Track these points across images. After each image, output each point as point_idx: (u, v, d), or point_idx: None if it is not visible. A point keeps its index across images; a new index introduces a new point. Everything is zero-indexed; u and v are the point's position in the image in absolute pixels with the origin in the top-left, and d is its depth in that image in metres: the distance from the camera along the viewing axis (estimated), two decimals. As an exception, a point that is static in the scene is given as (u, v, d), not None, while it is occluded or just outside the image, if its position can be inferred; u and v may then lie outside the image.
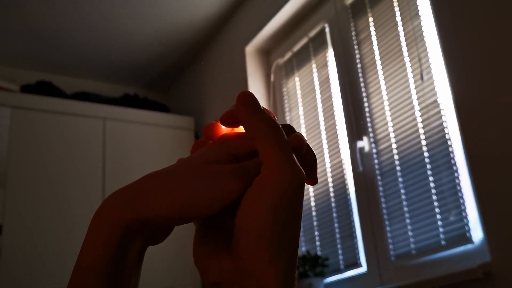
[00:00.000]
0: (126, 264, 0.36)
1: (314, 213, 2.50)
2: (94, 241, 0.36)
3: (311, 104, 2.62)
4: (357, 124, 2.29)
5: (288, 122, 2.77)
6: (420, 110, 2.01)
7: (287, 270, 0.34)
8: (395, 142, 2.10)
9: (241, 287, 0.34)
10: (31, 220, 2.74)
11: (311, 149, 0.39)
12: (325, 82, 2.54)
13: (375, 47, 2.26)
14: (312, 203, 2.52)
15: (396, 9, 2.18)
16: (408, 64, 2.09)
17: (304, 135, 2.25)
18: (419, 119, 2.01)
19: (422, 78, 2.00)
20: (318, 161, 2.38)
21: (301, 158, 0.37)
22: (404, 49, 2.11)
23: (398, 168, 2.07)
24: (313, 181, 0.39)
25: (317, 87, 2.59)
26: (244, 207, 0.35)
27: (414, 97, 2.04)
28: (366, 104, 2.27)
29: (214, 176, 0.36)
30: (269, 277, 0.34)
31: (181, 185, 0.36)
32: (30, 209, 2.76)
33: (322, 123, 2.51)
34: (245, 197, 0.35)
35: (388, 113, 2.15)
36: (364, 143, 2.25)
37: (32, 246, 2.70)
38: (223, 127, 0.42)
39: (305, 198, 2.56)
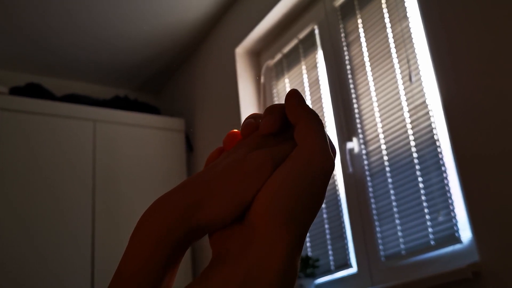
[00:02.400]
0: (170, 267, 0.37)
1: (304, 214, 2.50)
2: (139, 253, 0.35)
3: (301, 106, 2.62)
4: (347, 125, 2.30)
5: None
6: (409, 111, 2.02)
7: (296, 241, 0.34)
8: (385, 143, 2.12)
9: (247, 254, 0.34)
10: (21, 222, 2.73)
11: (333, 145, 0.40)
12: (314, 84, 2.55)
13: (364, 49, 2.28)
14: (303, 204, 2.52)
15: (385, 10, 2.19)
16: (396, 66, 2.10)
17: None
18: (408, 120, 2.02)
19: (410, 79, 2.02)
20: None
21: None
22: (393, 50, 2.13)
23: (387, 169, 2.08)
24: None
25: (307, 89, 2.59)
26: (271, 177, 0.36)
27: (403, 98, 2.05)
28: (355, 106, 2.28)
29: (257, 168, 0.37)
30: (279, 242, 0.34)
31: (232, 186, 0.36)
32: (19, 212, 2.74)
33: (312, 124, 2.52)
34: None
35: (377, 114, 2.17)
36: (353, 144, 2.26)
37: (22, 248, 2.68)
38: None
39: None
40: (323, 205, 2.40)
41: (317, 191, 0.36)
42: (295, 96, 0.40)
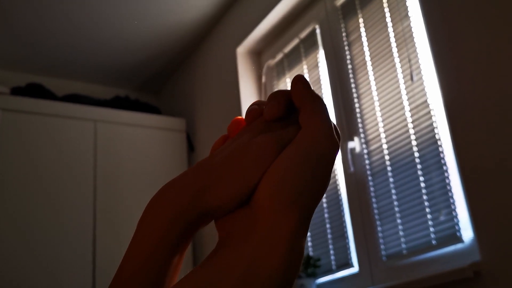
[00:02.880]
0: (177, 254, 0.37)
1: (305, 214, 2.50)
2: (148, 237, 0.36)
3: (302, 105, 2.62)
4: (348, 124, 2.30)
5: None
6: (410, 111, 2.02)
7: (302, 222, 0.34)
8: (386, 143, 2.11)
9: (252, 236, 0.34)
10: (22, 223, 2.73)
11: (338, 132, 0.40)
12: (316, 83, 2.55)
13: (366, 48, 2.27)
14: (304, 204, 2.52)
15: (386, 10, 2.19)
16: (398, 65, 2.10)
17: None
18: (409, 120, 2.02)
19: (412, 78, 2.01)
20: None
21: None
22: (394, 50, 2.12)
23: (389, 168, 2.08)
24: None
25: (308, 88, 2.59)
26: (276, 160, 0.37)
27: (404, 97, 2.05)
28: (357, 105, 2.28)
29: (262, 151, 0.37)
30: (284, 223, 0.34)
31: (238, 170, 0.37)
32: (20, 212, 2.74)
33: (313, 124, 2.52)
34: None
35: (378, 114, 2.16)
36: (355, 144, 2.25)
37: (23, 249, 2.69)
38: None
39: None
40: (324, 205, 2.40)
41: (322, 174, 0.36)
42: (301, 80, 0.40)
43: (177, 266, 0.37)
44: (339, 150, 0.39)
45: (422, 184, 1.93)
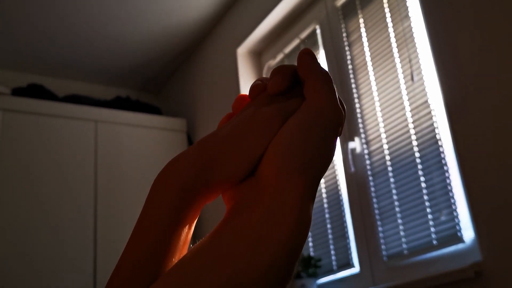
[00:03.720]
0: (186, 226, 0.37)
1: (306, 214, 2.50)
2: (161, 201, 0.36)
3: (303, 106, 2.62)
4: (349, 125, 2.30)
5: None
6: (411, 111, 2.02)
7: (309, 189, 0.34)
8: (387, 143, 2.11)
9: (260, 204, 0.34)
10: (23, 223, 2.73)
11: (343, 104, 0.40)
12: (316, 84, 2.55)
13: (366, 48, 2.28)
14: (305, 204, 2.52)
15: (387, 10, 2.19)
16: (398, 65, 2.10)
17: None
18: (410, 120, 2.02)
19: (412, 79, 2.02)
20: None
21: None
22: (395, 50, 2.12)
23: (389, 168, 2.08)
24: (340, 133, 0.41)
25: (308, 89, 2.59)
26: (281, 128, 0.37)
27: (405, 98, 2.05)
28: (357, 105, 2.28)
29: (267, 122, 0.38)
30: (291, 189, 0.34)
31: (244, 141, 0.37)
32: (21, 212, 2.75)
33: (314, 124, 2.52)
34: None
35: (379, 114, 2.16)
36: (355, 144, 2.25)
37: (24, 248, 2.69)
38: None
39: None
40: (325, 205, 2.40)
41: (327, 141, 0.37)
42: (308, 53, 0.40)
43: (186, 238, 0.37)
44: (344, 122, 0.39)
45: (423, 184, 1.93)
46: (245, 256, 0.30)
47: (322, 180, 2.43)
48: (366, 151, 2.21)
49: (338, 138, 0.39)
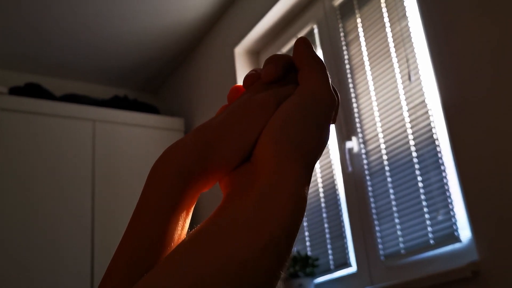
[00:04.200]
0: (183, 211, 0.37)
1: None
2: (159, 187, 0.37)
3: (301, 105, 2.62)
4: (346, 124, 2.31)
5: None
6: (408, 111, 2.02)
7: (304, 170, 0.35)
8: (384, 143, 2.12)
9: (257, 186, 0.34)
10: (21, 222, 2.73)
11: (337, 92, 0.41)
12: (314, 83, 2.55)
13: (363, 48, 2.28)
14: (302, 204, 2.52)
15: (384, 10, 2.19)
16: (396, 65, 2.10)
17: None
18: (407, 120, 2.02)
19: (410, 78, 2.02)
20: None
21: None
22: (392, 50, 2.13)
23: (387, 168, 2.09)
24: (333, 120, 0.41)
25: (306, 88, 2.59)
26: (276, 112, 0.38)
27: (402, 97, 2.05)
28: (355, 105, 2.28)
29: (261, 106, 0.38)
30: (286, 170, 0.34)
31: (239, 125, 0.38)
32: (19, 212, 2.74)
33: (311, 124, 2.52)
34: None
35: (376, 114, 2.17)
36: (353, 144, 2.26)
37: (21, 248, 2.69)
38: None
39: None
40: (323, 205, 2.40)
41: (320, 124, 0.37)
42: (304, 41, 0.42)
43: (184, 224, 0.38)
44: (337, 108, 0.40)
45: (420, 184, 1.93)
46: (244, 236, 0.31)
47: (320, 180, 2.43)
48: (363, 151, 2.21)
49: (336, 137, 0.40)
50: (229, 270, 0.29)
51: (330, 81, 0.39)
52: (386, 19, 2.18)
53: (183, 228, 0.38)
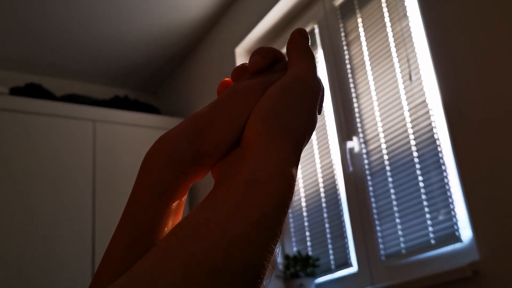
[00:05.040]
0: (177, 198, 0.39)
1: (305, 214, 2.51)
2: (150, 177, 0.38)
3: (301, 105, 2.62)
4: (347, 124, 2.31)
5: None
6: (409, 111, 2.02)
7: (290, 150, 0.36)
8: (385, 143, 2.12)
9: (244, 168, 0.35)
10: (21, 222, 2.73)
11: (322, 82, 0.42)
12: (314, 83, 2.55)
13: (364, 48, 2.28)
14: (303, 204, 2.53)
15: (385, 10, 2.19)
16: (396, 65, 2.10)
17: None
18: (408, 120, 2.02)
19: (410, 78, 2.02)
20: (308, 162, 2.37)
21: None
22: (393, 49, 2.13)
23: (387, 168, 2.09)
24: (320, 111, 0.42)
25: (307, 88, 2.59)
26: (263, 95, 0.39)
27: (403, 97, 2.05)
28: (355, 105, 2.28)
29: (248, 91, 0.40)
30: (272, 150, 0.35)
31: (227, 111, 0.39)
32: (20, 212, 2.74)
33: (312, 123, 2.52)
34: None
35: (377, 114, 2.17)
36: (354, 144, 2.26)
37: (22, 248, 2.69)
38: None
39: (295, 198, 2.57)
40: (323, 205, 2.40)
41: (306, 106, 0.38)
42: (301, 33, 0.43)
43: (177, 211, 0.39)
44: (323, 96, 0.41)
45: (421, 184, 1.93)
46: (234, 213, 0.31)
47: (320, 180, 2.43)
48: (364, 151, 2.21)
49: (337, 137, 0.41)
50: (220, 245, 0.29)
51: (317, 69, 0.41)
52: (386, 19, 2.18)
53: (177, 214, 0.39)
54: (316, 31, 2.59)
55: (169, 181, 0.37)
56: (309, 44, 0.42)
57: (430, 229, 1.88)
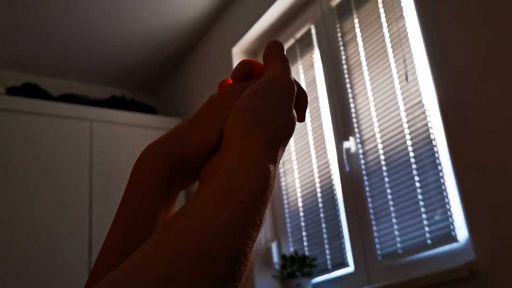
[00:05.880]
0: (165, 200, 0.42)
1: (301, 214, 2.51)
2: (139, 180, 0.42)
3: (298, 105, 2.62)
4: (344, 124, 2.31)
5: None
6: (405, 111, 2.03)
7: (267, 145, 0.38)
8: (381, 143, 2.12)
9: (223, 166, 0.37)
10: (18, 222, 2.72)
11: (303, 89, 0.45)
12: (311, 83, 2.56)
13: (361, 48, 2.28)
14: (300, 204, 2.53)
15: (381, 10, 2.20)
16: (393, 65, 2.10)
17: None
18: (404, 120, 2.02)
19: (407, 79, 2.02)
20: (304, 162, 2.37)
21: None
22: (389, 50, 2.13)
23: (384, 168, 2.09)
24: (302, 118, 0.45)
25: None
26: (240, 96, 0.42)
27: (399, 97, 2.06)
28: (352, 105, 2.28)
29: (226, 96, 0.44)
30: (249, 144, 0.37)
31: (206, 116, 0.43)
32: (17, 212, 2.74)
33: (309, 124, 2.53)
34: None
35: (374, 114, 2.17)
36: (350, 144, 2.26)
37: (19, 248, 2.68)
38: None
39: (292, 198, 2.58)
40: (320, 205, 2.40)
41: (279, 102, 0.41)
42: (275, 44, 0.46)
43: (167, 212, 0.42)
44: (305, 102, 0.45)
45: (417, 184, 1.94)
46: (215, 203, 0.34)
47: (317, 180, 2.44)
48: (360, 151, 2.21)
49: (334, 137, 0.42)
50: (203, 233, 0.31)
51: (291, 73, 0.43)
52: (383, 20, 2.18)
53: (169, 209, 0.42)
54: (313, 31, 2.59)
55: (159, 179, 0.41)
56: (284, 52, 0.46)
57: (427, 229, 1.89)
